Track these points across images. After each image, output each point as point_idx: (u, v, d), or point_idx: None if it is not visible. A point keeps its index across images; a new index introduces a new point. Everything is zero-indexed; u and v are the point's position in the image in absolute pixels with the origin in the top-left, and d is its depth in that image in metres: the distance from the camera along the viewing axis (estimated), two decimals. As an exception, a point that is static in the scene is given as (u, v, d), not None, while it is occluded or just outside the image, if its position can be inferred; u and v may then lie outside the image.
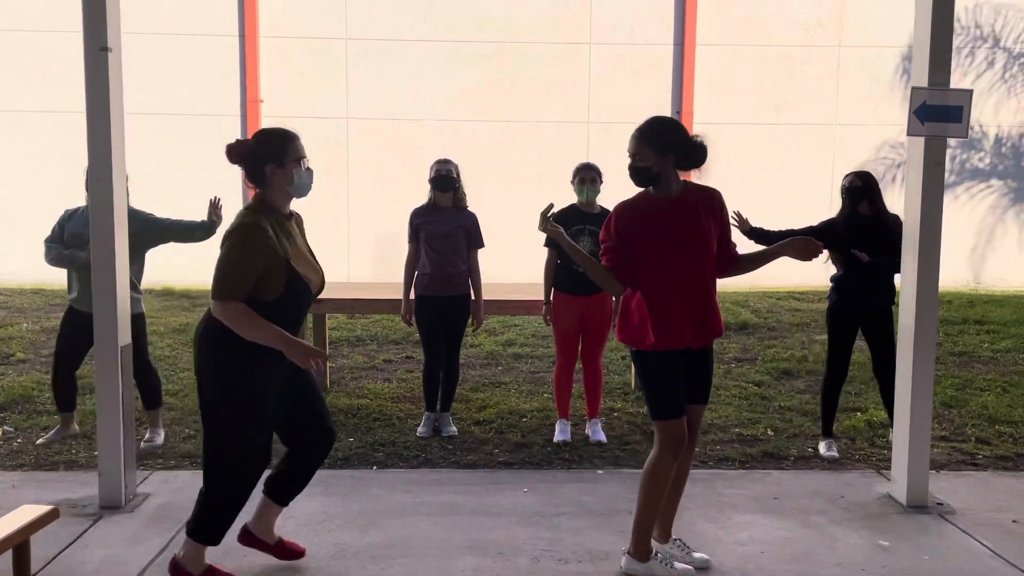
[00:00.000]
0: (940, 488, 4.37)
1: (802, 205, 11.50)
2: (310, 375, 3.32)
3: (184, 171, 11.14)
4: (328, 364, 6.57)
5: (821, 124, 11.53)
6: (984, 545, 3.70)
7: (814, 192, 11.59)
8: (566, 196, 5.20)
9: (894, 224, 4.79)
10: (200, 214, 5.06)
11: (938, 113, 3.93)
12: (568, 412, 5.29)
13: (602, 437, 5.18)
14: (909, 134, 3.99)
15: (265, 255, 3.01)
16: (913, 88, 3.96)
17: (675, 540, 3.51)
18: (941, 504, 4.16)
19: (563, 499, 4.20)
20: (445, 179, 5.22)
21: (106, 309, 3.94)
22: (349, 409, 5.74)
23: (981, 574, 3.44)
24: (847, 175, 5.01)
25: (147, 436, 5.00)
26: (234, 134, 11.25)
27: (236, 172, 11.83)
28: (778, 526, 3.90)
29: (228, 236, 3.04)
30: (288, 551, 3.46)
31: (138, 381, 4.82)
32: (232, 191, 11.22)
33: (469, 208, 5.34)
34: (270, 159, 3.13)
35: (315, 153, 12.68)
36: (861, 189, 4.88)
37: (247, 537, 3.45)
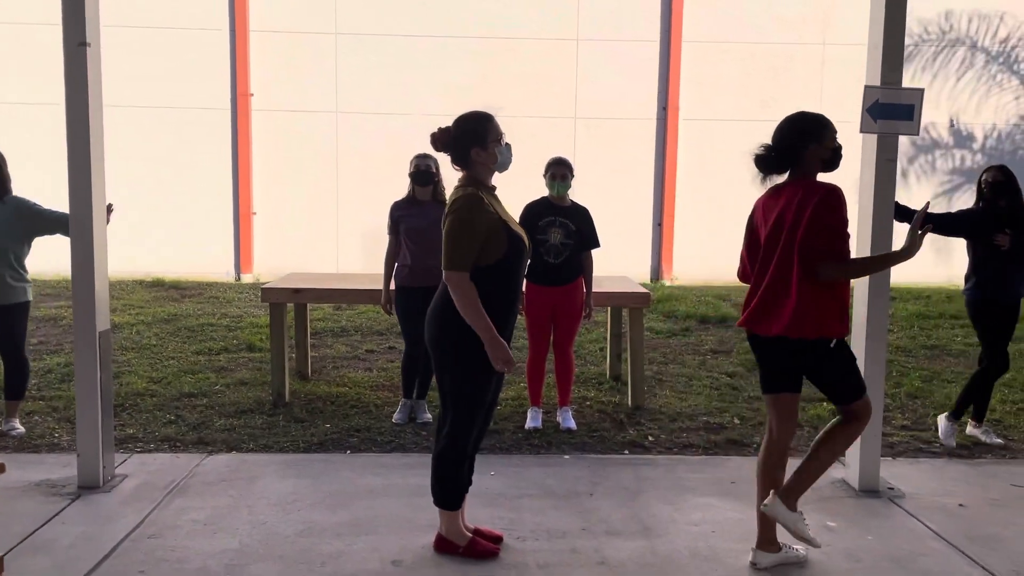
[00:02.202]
0: (895, 474, 4.52)
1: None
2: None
3: (174, 163, 11.28)
4: (310, 353, 6.71)
5: (805, 121, 11.66)
6: (927, 527, 3.85)
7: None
8: (543, 189, 5.34)
9: None
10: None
11: (890, 111, 4.07)
12: (540, 400, 5.44)
13: (572, 424, 5.32)
14: (862, 131, 4.13)
15: (486, 220, 3.24)
16: (866, 87, 4.09)
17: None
18: (892, 488, 4.31)
19: (527, 482, 4.35)
20: (424, 174, 5.37)
21: (84, 295, 4.07)
22: (328, 396, 5.88)
23: (920, 553, 3.59)
24: (988, 169, 5.06)
25: (4, 425, 5.01)
26: (224, 128, 11.39)
27: (226, 162, 11.89)
28: (732, 508, 4.05)
29: (450, 211, 3.26)
30: (488, 537, 3.60)
31: (9, 371, 4.98)
32: (222, 182, 11.36)
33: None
34: (474, 143, 3.33)
35: (304, 147, 12.76)
36: (1004, 184, 4.94)
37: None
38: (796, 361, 3.33)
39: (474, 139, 3.33)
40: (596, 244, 5.33)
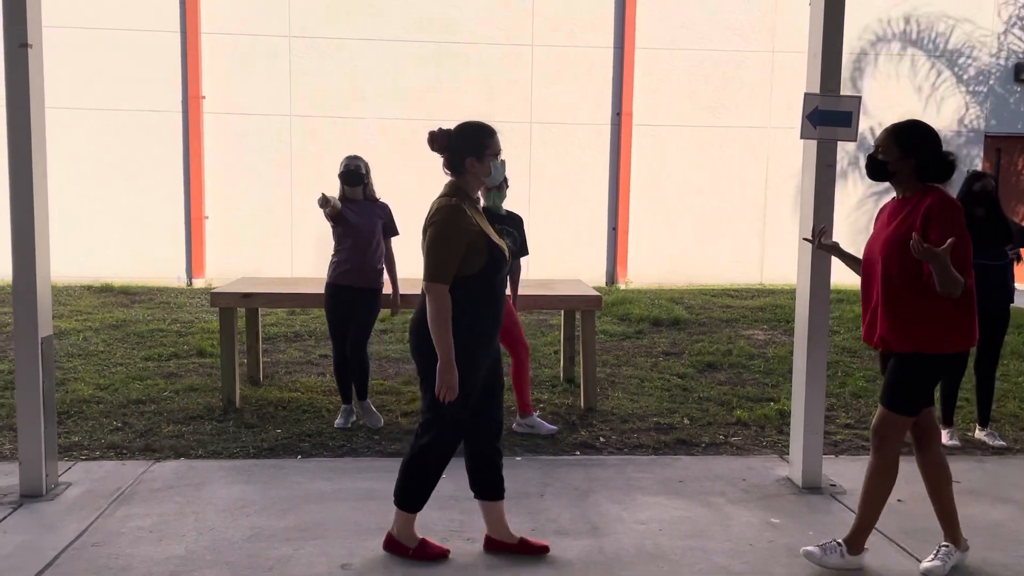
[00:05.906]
0: (837, 471, 4.63)
1: (736, 206, 11.86)
2: (501, 369, 3.54)
3: (124, 167, 11.09)
4: (262, 359, 6.65)
5: (755, 127, 11.89)
6: (866, 521, 3.96)
7: (747, 193, 11.96)
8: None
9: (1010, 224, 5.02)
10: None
11: (829, 118, 4.19)
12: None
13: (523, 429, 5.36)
14: (802, 137, 4.24)
15: (468, 232, 3.25)
16: (806, 94, 4.20)
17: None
18: (834, 485, 4.42)
19: (479, 484, 4.36)
20: (353, 174, 5.40)
21: (26, 300, 4.00)
22: (279, 402, 5.84)
23: (859, 547, 3.69)
24: (979, 175, 5.05)
25: None
26: (176, 130, 11.22)
27: (177, 165, 11.73)
28: (679, 506, 4.12)
29: (433, 222, 3.26)
30: (531, 547, 3.58)
31: None
32: (173, 186, 11.20)
33: (382, 200, 5.53)
34: (470, 153, 3.35)
35: (258, 151, 12.61)
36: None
37: (491, 543, 3.59)
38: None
39: (473, 149, 3.35)
40: (526, 252, 5.42)
